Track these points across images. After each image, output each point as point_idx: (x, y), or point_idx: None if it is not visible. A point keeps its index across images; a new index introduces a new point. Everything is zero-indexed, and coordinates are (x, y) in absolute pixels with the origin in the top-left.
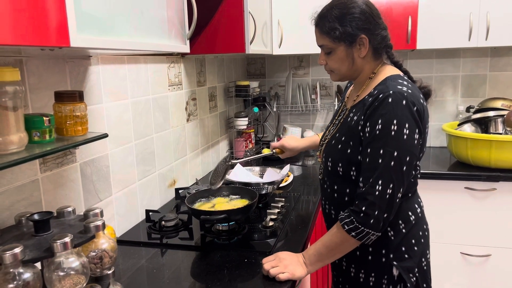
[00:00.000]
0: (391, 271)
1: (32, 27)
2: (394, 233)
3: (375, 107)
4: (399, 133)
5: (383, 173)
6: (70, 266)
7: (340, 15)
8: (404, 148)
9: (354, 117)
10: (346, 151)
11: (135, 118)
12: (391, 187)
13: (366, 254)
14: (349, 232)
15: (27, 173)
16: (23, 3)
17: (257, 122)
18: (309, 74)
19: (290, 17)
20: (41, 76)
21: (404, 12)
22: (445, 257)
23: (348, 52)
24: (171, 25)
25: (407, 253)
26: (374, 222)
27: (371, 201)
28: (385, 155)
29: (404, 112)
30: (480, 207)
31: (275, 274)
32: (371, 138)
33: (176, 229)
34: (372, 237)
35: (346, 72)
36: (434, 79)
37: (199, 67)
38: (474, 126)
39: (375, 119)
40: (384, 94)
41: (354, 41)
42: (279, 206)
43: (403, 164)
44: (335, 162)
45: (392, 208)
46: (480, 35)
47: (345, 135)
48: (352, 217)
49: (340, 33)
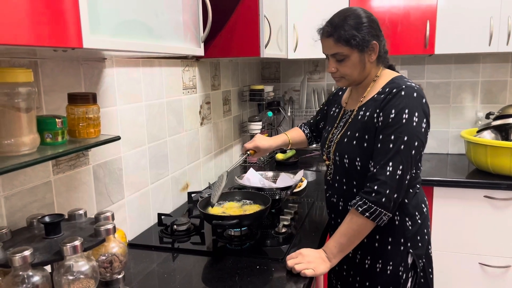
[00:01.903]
0: (407, 258)
1: (44, 27)
2: (412, 223)
3: (388, 100)
4: (410, 120)
5: (394, 156)
6: (80, 270)
7: (355, 24)
8: (413, 134)
9: (367, 113)
10: (363, 145)
11: (149, 121)
12: (401, 168)
13: (386, 245)
14: (363, 213)
15: (40, 175)
16: (35, 3)
17: (271, 127)
18: (324, 78)
19: (305, 21)
20: (56, 78)
21: (422, 16)
22: (463, 268)
23: (361, 58)
24: (186, 28)
25: (421, 241)
26: (386, 201)
27: (382, 180)
28: (396, 140)
29: (415, 103)
30: (500, 217)
31: (299, 270)
32: (384, 126)
33: (188, 234)
34: (384, 218)
35: (357, 77)
36: (452, 85)
37: (213, 71)
38: (494, 133)
39: (389, 109)
40: (398, 88)
41: (368, 47)
42: (292, 212)
43: (411, 148)
44: (352, 158)
45: (401, 189)
46: (501, 40)
47: (359, 131)
48: (364, 199)
49: (359, 39)
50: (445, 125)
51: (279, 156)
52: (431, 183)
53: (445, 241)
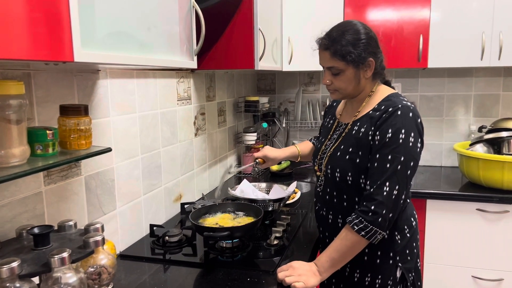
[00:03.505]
0: (396, 272)
1: (35, 41)
2: (401, 237)
3: (385, 119)
4: (406, 141)
5: (391, 176)
6: (68, 281)
7: (353, 40)
8: (409, 154)
9: (361, 129)
10: (355, 160)
11: (142, 132)
12: (397, 188)
13: (375, 258)
14: (359, 232)
15: (31, 186)
16: (24, 18)
17: (266, 138)
18: (319, 90)
19: (300, 34)
20: (49, 89)
21: (415, 30)
22: (456, 280)
23: (356, 74)
24: (179, 41)
25: (410, 255)
26: (382, 221)
27: (379, 200)
28: (393, 160)
29: (411, 123)
30: (492, 230)
31: (290, 283)
32: (381, 146)
33: (180, 245)
34: (379, 236)
35: (351, 91)
36: (445, 98)
37: (208, 82)
38: (486, 147)
39: (385, 128)
40: (394, 108)
41: (364, 63)
42: (284, 224)
43: (408, 168)
44: (344, 172)
45: (397, 208)
46: (493, 55)
47: (353, 147)
48: (360, 217)
49: (355, 56)
50: (439, 138)
51: (274, 167)
52: (424, 195)
53: (438, 254)
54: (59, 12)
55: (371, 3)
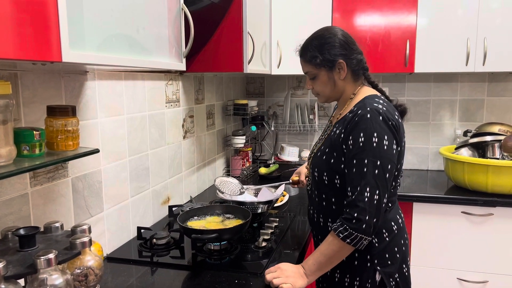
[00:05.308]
0: (375, 275)
1: (22, 41)
2: (378, 240)
3: (355, 122)
4: (380, 144)
5: (370, 181)
6: (54, 283)
7: (319, 45)
8: (385, 157)
9: (337, 131)
10: (330, 161)
11: (130, 134)
12: (378, 193)
13: (353, 260)
14: (344, 240)
15: (16, 187)
16: (13, 17)
17: (255, 141)
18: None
19: (289, 38)
20: (36, 90)
21: (402, 36)
22: (441, 283)
23: (330, 76)
24: (168, 43)
25: (390, 259)
26: (366, 227)
27: (361, 207)
28: (369, 165)
29: (382, 126)
30: (477, 232)
31: (278, 284)
32: (356, 150)
33: (168, 248)
34: (365, 242)
35: (330, 93)
36: (432, 103)
37: (197, 85)
38: (471, 151)
39: (357, 133)
40: (363, 110)
41: (334, 65)
42: (273, 226)
43: (385, 171)
44: (321, 171)
45: (380, 212)
46: (478, 60)
47: (329, 147)
48: (345, 225)
49: (320, 60)
50: (425, 142)
51: (262, 170)
52: (410, 198)
53: (424, 256)
54: (47, 12)
55: (359, 9)
